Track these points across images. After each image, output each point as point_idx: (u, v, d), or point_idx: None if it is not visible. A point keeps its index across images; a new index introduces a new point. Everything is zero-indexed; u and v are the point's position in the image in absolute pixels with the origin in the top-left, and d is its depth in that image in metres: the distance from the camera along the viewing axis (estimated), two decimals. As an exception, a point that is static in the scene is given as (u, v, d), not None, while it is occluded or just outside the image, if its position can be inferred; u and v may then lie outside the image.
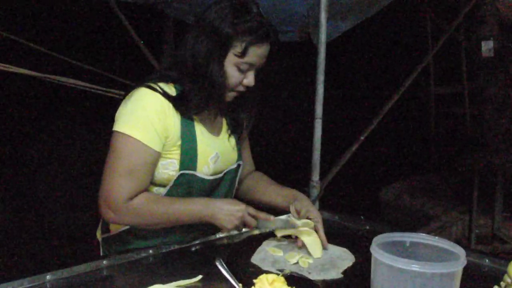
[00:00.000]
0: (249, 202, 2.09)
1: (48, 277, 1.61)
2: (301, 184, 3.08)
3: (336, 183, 3.99)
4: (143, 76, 1.90)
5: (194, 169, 1.87)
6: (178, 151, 1.85)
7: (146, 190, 1.84)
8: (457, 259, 1.37)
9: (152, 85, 1.82)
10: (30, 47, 4.48)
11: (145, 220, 1.83)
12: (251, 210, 1.84)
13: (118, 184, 1.76)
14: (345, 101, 10.47)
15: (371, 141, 4.39)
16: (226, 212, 1.80)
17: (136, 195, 1.78)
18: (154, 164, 1.83)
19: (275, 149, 8.89)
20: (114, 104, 1.90)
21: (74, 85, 3.97)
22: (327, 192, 3.40)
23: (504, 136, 5.10)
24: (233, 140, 2.07)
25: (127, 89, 1.90)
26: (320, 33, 3.08)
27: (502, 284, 1.49)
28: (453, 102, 8.43)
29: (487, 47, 5.10)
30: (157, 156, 1.82)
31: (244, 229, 1.93)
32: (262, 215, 1.86)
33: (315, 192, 3.13)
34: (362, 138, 3.92)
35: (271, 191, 2.15)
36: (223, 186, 2.03)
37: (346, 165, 3.92)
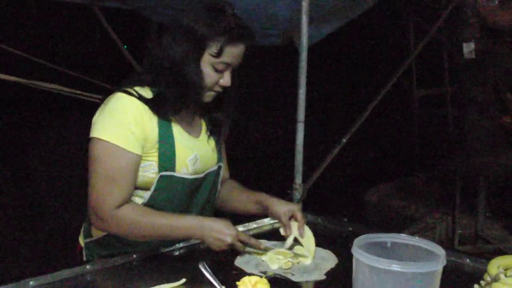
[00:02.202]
0: (225, 211, 2.13)
1: (31, 283, 1.60)
2: (284, 187, 3.09)
3: (320, 185, 4.01)
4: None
5: (173, 170, 1.88)
6: (157, 154, 1.85)
7: (131, 196, 1.83)
8: (437, 259, 1.38)
9: (128, 89, 1.82)
10: (12, 52, 4.46)
11: (132, 231, 1.82)
12: (242, 237, 1.84)
13: (102, 192, 1.76)
14: (328, 104, 10.51)
15: (355, 143, 4.41)
16: (216, 236, 1.79)
17: (123, 202, 1.78)
18: (136, 168, 1.82)
19: (258, 153, 8.90)
20: (96, 109, 1.89)
21: (56, 91, 3.96)
22: (311, 195, 3.41)
23: (486, 137, 5.14)
24: (212, 142, 2.07)
25: (108, 94, 1.90)
26: (302, 37, 3.09)
27: (482, 282, 1.50)
28: (436, 104, 8.47)
29: (468, 49, 5.14)
30: (138, 159, 1.81)
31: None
32: (253, 241, 1.86)
33: (298, 195, 3.14)
34: (344, 140, 3.94)
35: (245, 199, 2.15)
36: (204, 188, 2.03)
37: (330, 167, 3.93)
